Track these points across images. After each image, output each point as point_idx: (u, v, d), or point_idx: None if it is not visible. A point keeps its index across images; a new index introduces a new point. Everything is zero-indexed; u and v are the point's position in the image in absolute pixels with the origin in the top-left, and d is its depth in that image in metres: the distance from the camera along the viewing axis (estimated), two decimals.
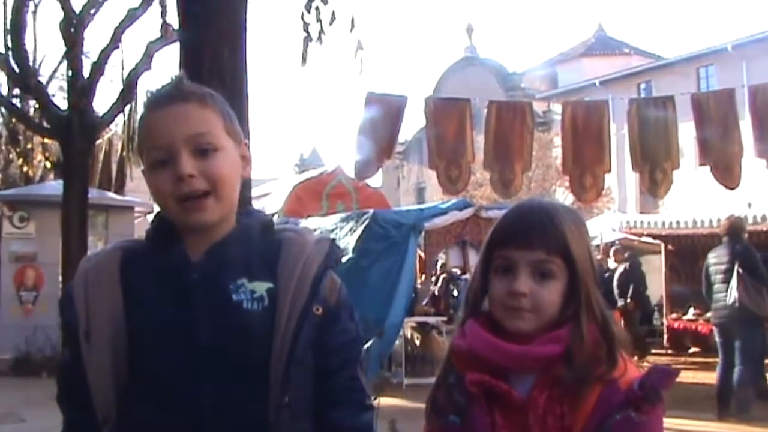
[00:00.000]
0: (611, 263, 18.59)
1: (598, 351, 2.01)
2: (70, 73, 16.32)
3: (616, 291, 17.11)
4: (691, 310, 18.31)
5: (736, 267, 10.60)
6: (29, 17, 17.48)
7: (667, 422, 1.98)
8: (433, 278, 18.01)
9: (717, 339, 11.17)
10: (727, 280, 10.71)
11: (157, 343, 2.04)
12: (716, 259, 11.02)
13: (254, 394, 2.03)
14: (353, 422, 2.18)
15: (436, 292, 17.05)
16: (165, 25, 13.81)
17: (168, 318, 2.04)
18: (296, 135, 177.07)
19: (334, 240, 2.25)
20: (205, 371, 2.01)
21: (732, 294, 10.52)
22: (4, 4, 17.07)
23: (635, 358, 13.42)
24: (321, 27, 7.08)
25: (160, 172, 2.07)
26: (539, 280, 2.05)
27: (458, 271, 18.55)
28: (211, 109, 2.13)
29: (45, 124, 17.03)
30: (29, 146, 25.31)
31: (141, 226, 19.88)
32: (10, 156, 27.31)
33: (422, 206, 20.30)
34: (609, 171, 13.46)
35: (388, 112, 13.66)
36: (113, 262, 2.14)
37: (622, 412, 1.93)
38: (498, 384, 2.03)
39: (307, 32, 7.03)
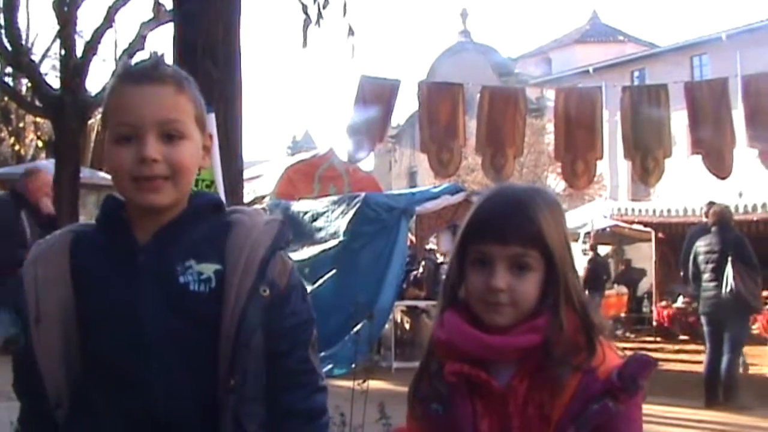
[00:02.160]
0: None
1: (578, 339, 2.00)
2: (62, 52, 16.23)
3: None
4: (681, 299, 18.38)
5: (729, 256, 10.59)
6: None
7: (655, 409, 1.99)
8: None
9: (705, 328, 11.18)
10: (717, 269, 10.70)
11: (106, 326, 2.03)
12: (707, 247, 10.99)
13: (204, 377, 2.02)
14: (306, 404, 2.17)
15: (418, 276, 17.02)
16: (158, 5, 13.75)
17: (116, 301, 2.03)
18: (289, 117, 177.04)
19: (284, 222, 2.23)
20: (155, 354, 2.00)
21: (728, 283, 10.50)
22: None
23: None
24: (319, 9, 7.07)
25: (122, 148, 2.04)
26: (516, 273, 2.02)
27: (440, 257, 18.55)
28: (185, 96, 2.11)
29: (37, 103, 16.94)
30: (21, 125, 25.28)
31: None
32: (2, 135, 27.26)
33: (414, 190, 20.27)
34: (601, 158, 13.50)
35: (381, 96, 13.68)
36: (63, 245, 2.13)
37: (600, 401, 1.92)
38: (478, 374, 2.03)
39: (307, 15, 7.01)
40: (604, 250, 24.19)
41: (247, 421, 2.05)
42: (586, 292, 17.10)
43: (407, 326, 16.48)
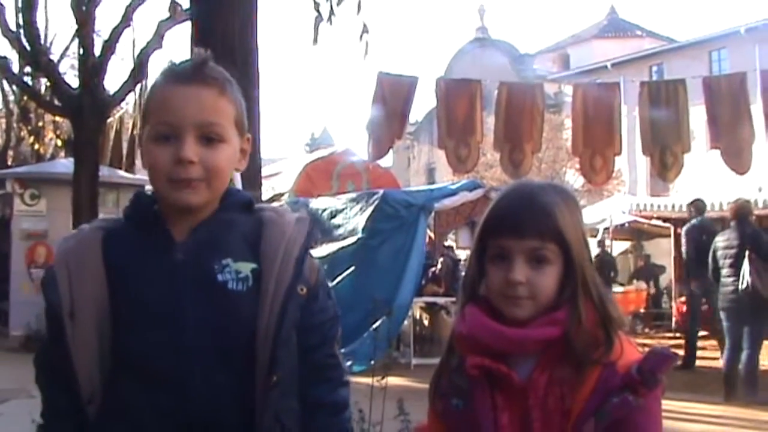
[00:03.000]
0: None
1: (596, 332, 2.02)
2: (81, 51, 16.32)
3: None
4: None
5: (747, 251, 10.57)
6: None
7: (675, 405, 2.00)
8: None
9: (724, 323, 11.14)
10: (735, 264, 10.65)
11: (143, 323, 2.04)
12: (725, 242, 10.95)
13: (240, 374, 2.03)
14: (332, 398, 2.23)
15: (437, 272, 17.02)
16: (174, 4, 13.81)
17: (153, 298, 2.04)
18: (307, 114, 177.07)
19: (313, 219, 2.25)
20: (193, 352, 2.01)
21: (744, 279, 10.46)
22: None
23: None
24: (331, 6, 7.06)
25: (160, 146, 2.06)
26: (535, 266, 2.05)
27: (460, 253, 18.53)
28: (227, 99, 2.12)
29: (56, 102, 17.03)
30: (40, 124, 25.40)
31: None
32: (22, 134, 27.37)
33: (432, 187, 20.25)
34: (619, 153, 13.44)
35: (399, 93, 13.65)
36: (95, 241, 2.13)
37: (620, 395, 1.93)
38: (498, 367, 2.04)
39: (318, 12, 7.01)
40: (623, 246, 24.17)
41: (286, 417, 2.09)
42: None
43: (426, 323, 16.48)
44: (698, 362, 14.07)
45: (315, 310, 2.17)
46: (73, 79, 16.79)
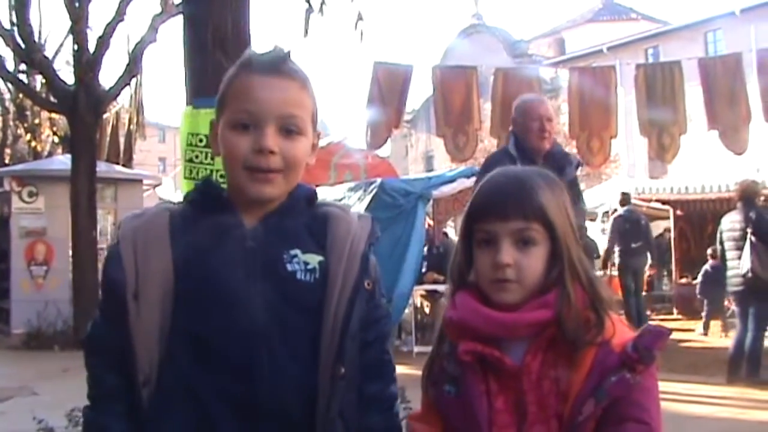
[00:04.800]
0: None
1: (587, 313, 2.03)
2: (75, 47, 16.30)
3: None
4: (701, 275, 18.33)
5: (749, 234, 10.50)
6: None
7: (677, 387, 2.00)
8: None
9: (734, 307, 11.10)
10: (739, 248, 10.48)
11: (210, 306, 2.03)
12: (730, 225, 10.79)
13: (305, 364, 2.04)
14: (387, 393, 2.25)
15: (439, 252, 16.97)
16: None
17: (222, 281, 2.04)
18: None
19: (373, 218, 2.28)
20: (260, 337, 2.01)
21: (745, 263, 10.39)
22: None
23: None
24: None
25: (239, 135, 2.07)
26: (522, 248, 2.07)
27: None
28: (307, 93, 2.15)
29: (52, 99, 17.04)
30: (36, 121, 25.41)
31: (150, 199, 19.92)
32: (18, 131, 27.40)
33: (430, 174, 20.21)
34: (615, 136, 13.48)
35: (395, 82, 13.68)
36: (163, 222, 2.12)
37: (618, 373, 1.95)
38: (491, 351, 2.06)
39: (309, 3, 6.99)
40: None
41: (347, 409, 2.10)
42: None
43: (427, 310, 16.48)
44: (699, 344, 14.11)
45: (374, 306, 2.20)
46: (68, 76, 16.76)
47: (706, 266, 16.02)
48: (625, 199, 16.26)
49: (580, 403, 1.96)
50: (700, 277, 16.41)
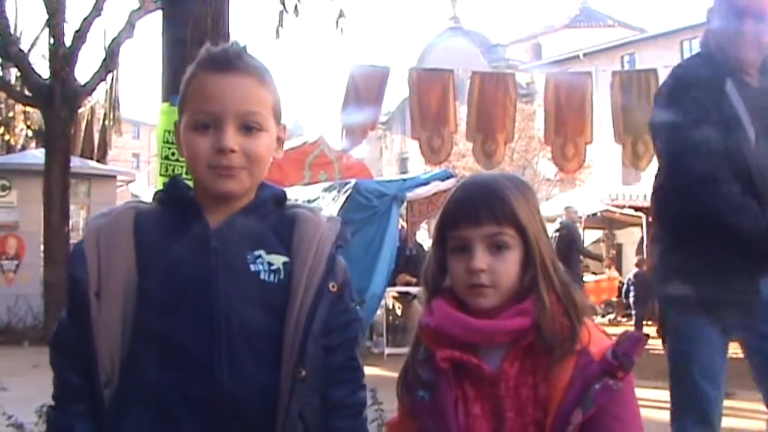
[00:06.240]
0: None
1: (562, 320, 2.05)
2: (51, 41, 16.22)
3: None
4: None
5: None
6: None
7: (648, 393, 2.02)
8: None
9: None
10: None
11: (173, 306, 2.02)
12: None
13: (267, 365, 2.03)
14: (353, 399, 2.23)
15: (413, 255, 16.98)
16: None
17: (185, 281, 2.03)
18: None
19: (343, 221, 2.28)
20: (222, 337, 2.00)
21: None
22: None
23: None
24: None
25: (200, 135, 2.07)
26: (495, 253, 2.08)
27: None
28: (266, 88, 2.13)
29: (26, 93, 16.92)
30: (11, 114, 25.18)
31: (123, 194, 19.84)
32: None
33: (404, 176, 20.23)
34: (590, 142, 13.53)
35: (371, 83, 13.67)
36: (127, 221, 2.11)
37: (600, 380, 1.96)
38: (469, 358, 2.07)
39: (283, 4, 6.97)
40: (595, 234, 24.29)
41: (309, 413, 2.09)
42: None
43: (399, 312, 16.47)
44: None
45: (340, 310, 2.17)
46: (43, 70, 16.65)
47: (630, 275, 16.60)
48: (571, 212, 16.54)
49: (567, 412, 1.97)
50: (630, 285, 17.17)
